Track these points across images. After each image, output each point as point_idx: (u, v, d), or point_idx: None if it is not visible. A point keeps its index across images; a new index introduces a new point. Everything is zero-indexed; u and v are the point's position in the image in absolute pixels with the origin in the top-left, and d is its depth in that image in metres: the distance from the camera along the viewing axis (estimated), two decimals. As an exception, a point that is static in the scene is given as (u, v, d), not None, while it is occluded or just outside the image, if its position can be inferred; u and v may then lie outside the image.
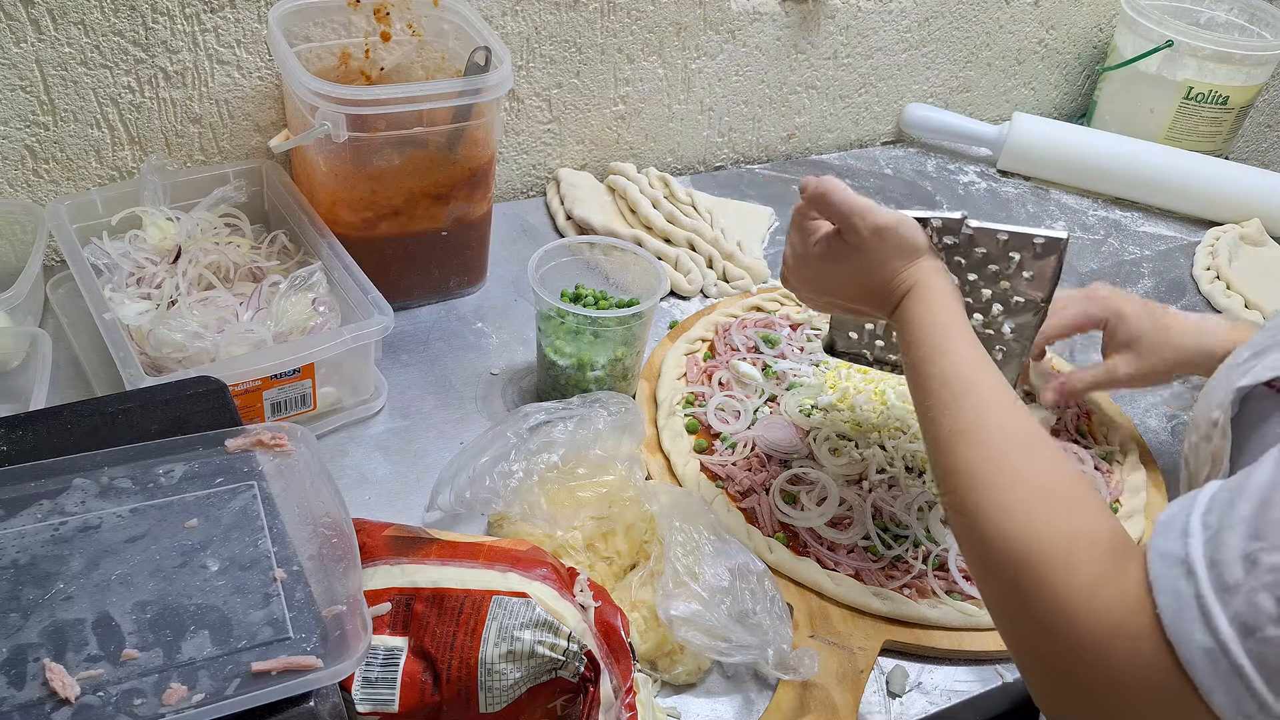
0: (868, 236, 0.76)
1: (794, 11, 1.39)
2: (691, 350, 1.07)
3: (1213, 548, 0.49)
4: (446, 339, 1.08)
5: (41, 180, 1.05)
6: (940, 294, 0.75)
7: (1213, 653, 0.47)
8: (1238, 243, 1.40)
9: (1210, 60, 1.49)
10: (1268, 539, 0.47)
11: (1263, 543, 0.47)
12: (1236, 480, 0.51)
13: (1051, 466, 0.61)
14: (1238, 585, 0.47)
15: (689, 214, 1.25)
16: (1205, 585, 0.48)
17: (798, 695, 0.76)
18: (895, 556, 0.87)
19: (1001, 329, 0.83)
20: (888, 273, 0.77)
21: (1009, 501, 0.60)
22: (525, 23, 1.21)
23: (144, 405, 0.67)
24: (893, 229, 0.76)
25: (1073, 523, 0.57)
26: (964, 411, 0.67)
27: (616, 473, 0.83)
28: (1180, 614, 0.49)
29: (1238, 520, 0.49)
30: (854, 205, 0.76)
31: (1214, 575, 0.48)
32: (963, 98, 1.65)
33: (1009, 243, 0.80)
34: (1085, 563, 0.54)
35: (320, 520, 0.60)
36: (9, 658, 0.50)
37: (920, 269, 0.76)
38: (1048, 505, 0.58)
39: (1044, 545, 0.56)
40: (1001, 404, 0.66)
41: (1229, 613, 0.47)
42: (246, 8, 1.05)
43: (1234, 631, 0.47)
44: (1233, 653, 0.47)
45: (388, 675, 0.64)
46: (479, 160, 1.06)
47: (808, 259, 0.81)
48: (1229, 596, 0.47)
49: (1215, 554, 0.49)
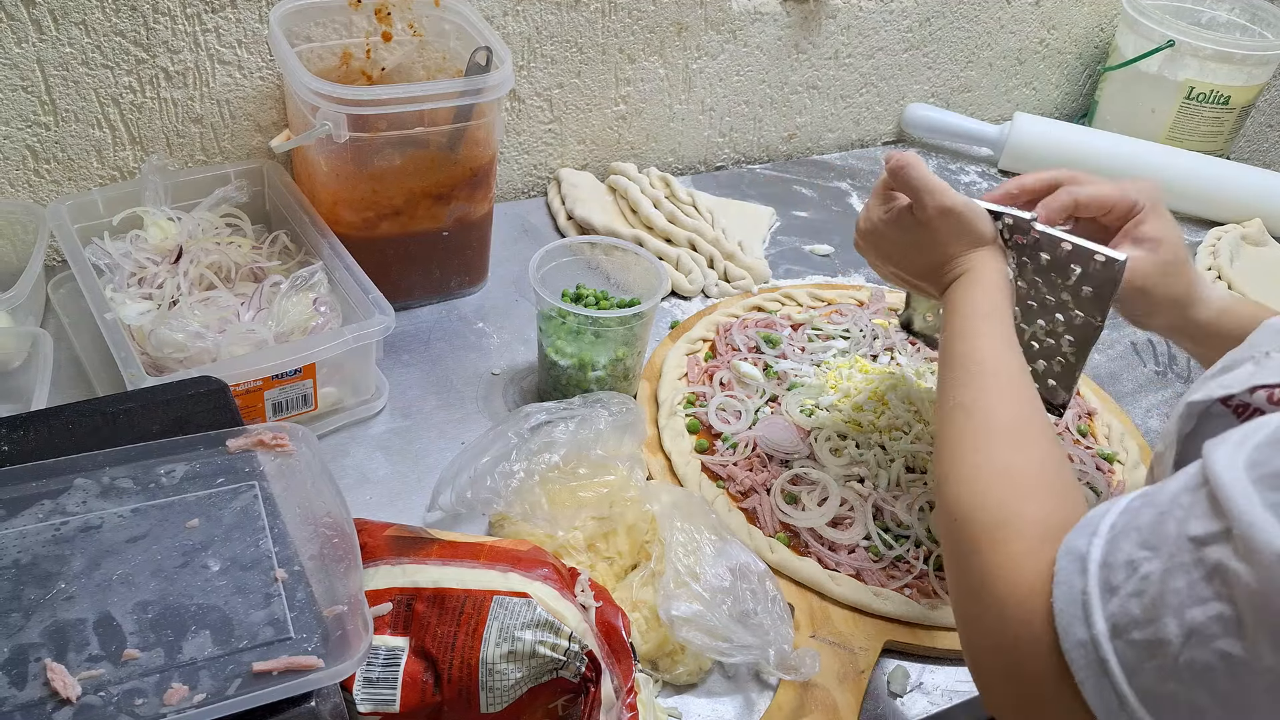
0: (933, 215, 0.80)
1: (795, 11, 1.39)
2: (692, 350, 1.07)
3: (1108, 550, 0.51)
4: (447, 339, 1.08)
5: (43, 180, 1.05)
6: (990, 283, 0.78)
7: (1086, 645, 0.50)
8: (1239, 243, 1.40)
9: (1211, 60, 1.49)
10: (1152, 548, 0.49)
11: (1147, 551, 0.49)
12: (1153, 488, 0.53)
13: (1026, 450, 0.65)
14: (1118, 587, 0.50)
15: (690, 214, 1.25)
16: (1092, 583, 0.51)
17: (799, 695, 0.76)
18: (896, 557, 0.87)
19: (1061, 339, 0.83)
20: (947, 254, 0.81)
21: (970, 478, 0.64)
22: (526, 23, 1.21)
23: (145, 405, 0.67)
24: (958, 213, 0.79)
25: (1018, 506, 0.60)
26: (970, 388, 0.71)
27: (618, 473, 0.83)
28: (1068, 605, 0.52)
29: (1135, 527, 0.51)
30: (927, 183, 0.80)
31: (1102, 575, 0.51)
32: (964, 98, 1.65)
33: (1072, 254, 0.80)
34: (1012, 543, 0.58)
35: (321, 520, 0.60)
36: (10, 657, 0.50)
37: (978, 256, 0.79)
38: (1000, 485, 0.62)
39: (982, 521, 0.61)
40: (1006, 386, 0.70)
41: (1105, 611, 0.50)
42: (248, 8, 1.05)
43: (1106, 629, 0.50)
44: (1102, 648, 0.49)
45: (389, 675, 0.64)
46: (480, 160, 1.06)
47: (878, 226, 0.85)
48: (1109, 596, 0.50)
49: (1108, 556, 0.51)
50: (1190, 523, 0.48)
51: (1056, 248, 0.80)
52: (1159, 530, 0.50)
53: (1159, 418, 1.11)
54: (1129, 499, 0.54)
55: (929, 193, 0.80)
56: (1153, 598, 0.48)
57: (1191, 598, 0.46)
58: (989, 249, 0.80)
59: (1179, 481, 0.51)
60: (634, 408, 0.88)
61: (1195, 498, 0.49)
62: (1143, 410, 1.12)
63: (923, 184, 0.80)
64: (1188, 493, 0.50)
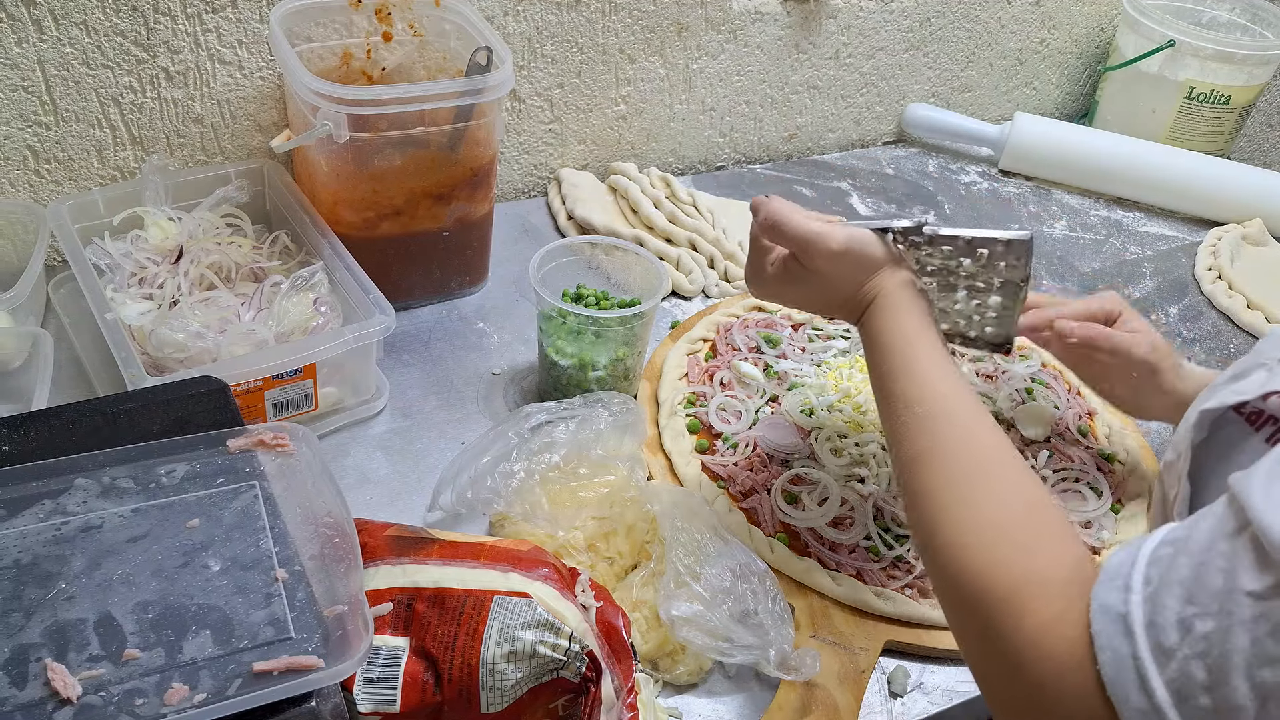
0: (822, 264, 0.77)
1: (795, 11, 1.39)
2: (693, 350, 1.07)
3: (1151, 608, 0.49)
4: (448, 339, 1.08)
5: (43, 180, 1.05)
6: (900, 305, 0.74)
7: (1148, 714, 0.48)
8: (1240, 243, 1.40)
9: (1212, 60, 1.49)
10: (1201, 604, 0.47)
11: (1196, 608, 0.47)
12: (1182, 531, 0.51)
13: (1009, 492, 0.61)
14: (1173, 650, 0.47)
15: (690, 214, 1.25)
16: (1142, 647, 0.48)
17: (799, 695, 0.76)
18: (897, 557, 0.87)
19: (988, 300, 0.82)
20: (849, 288, 0.77)
21: (963, 535, 0.60)
22: (527, 23, 1.21)
23: (146, 405, 0.67)
24: (846, 251, 0.76)
25: (1028, 560, 0.57)
26: (920, 432, 0.66)
27: (618, 473, 0.83)
28: (1119, 674, 0.49)
29: (1175, 581, 0.49)
30: (807, 235, 0.76)
31: (1151, 637, 0.48)
32: (964, 97, 1.65)
33: (973, 242, 0.79)
34: (1037, 604, 0.54)
35: (322, 520, 0.60)
36: (11, 658, 0.50)
37: (880, 281, 0.76)
38: (1003, 540, 0.58)
39: (999, 585, 0.56)
40: (960, 421, 0.66)
41: (1164, 677, 0.47)
42: (248, 8, 1.05)
43: (1169, 696, 0.47)
44: (1167, 717, 0.47)
45: (389, 675, 0.64)
46: (480, 160, 1.06)
47: (768, 280, 0.82)
48: (1165, 660, 0.48)
49: (1153, 615, 0.49)
50: (1240, 575, 0.46)
51: (955, 241, 0.79)
52: (1203, 583, 0.48)
53: (1159, 418, 1.11)
54: (1153, 544, 0.52)
55: (811, 244, 0.76)
56: (1216, 659, 0.46)
57: (1259, 657, 0.45)
58: (887, 270, 0.76)
59: (1209, 525, 0.49)
60: (634, 408, 0.88)
61: (1236, 546, 0.47)
62: (1143, 410, 1.12)
63: (801, 236, 0.76)
64: (1225, 539, 0.48)
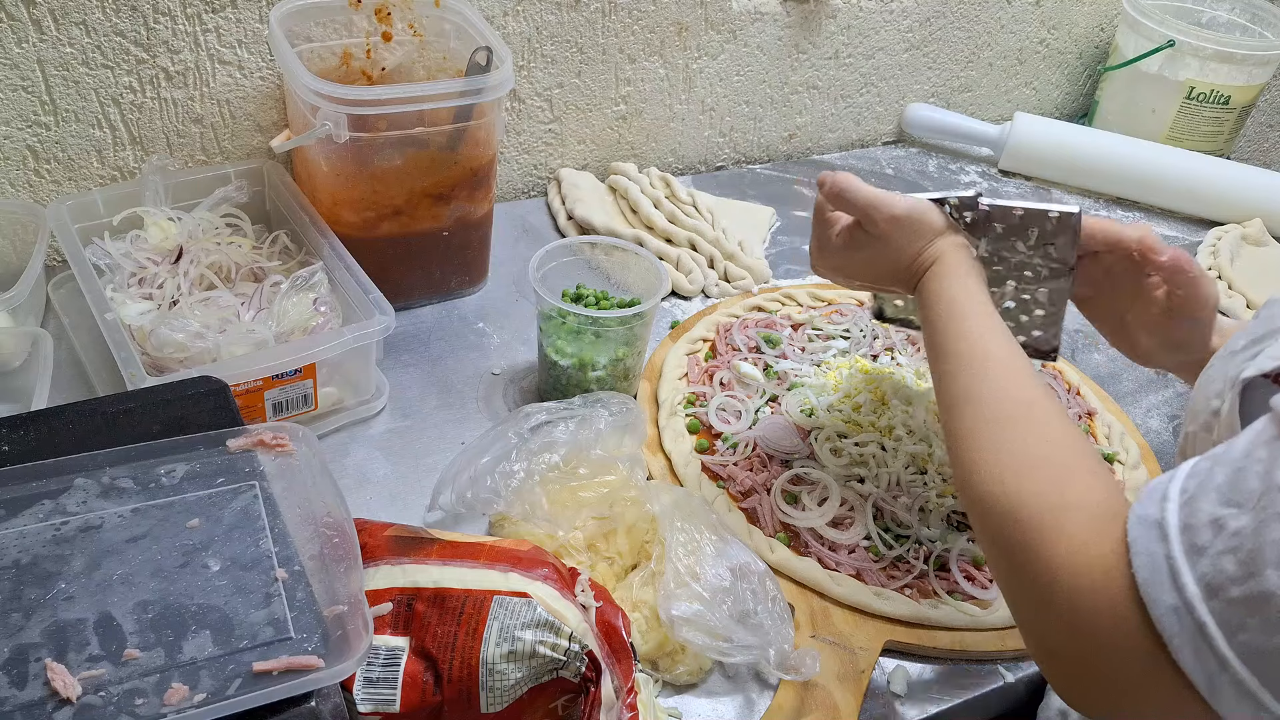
0: (885, 227, 0.80)
1: (795, 11, 1.39)
2: (693, 350, 1.07)
3: (1187, 512, 0.51)
4: (448, 339, 1.08)
5: (43, 180, 1.05)
6: (957, 268, 0.78)
7: (1179, 611, 0.49)
8: (1240, 243, 1.40)
9: (1212, 60, 1.49)
10: (1238, 505, 0.48)
11: (1232, 509, 0.48)
12: (1219, 450, 0.52)
13: (1046, 432, 0.64)
14: (1206, 547, 0.49)
15: (690, 214, 1.25)
16: (1176, 547, 0.50)
17: (799, 695, 0.76)
18: (896, 557, 0.87)
19: (1036, 293, 0.85)
20: (909, 254, 0.81)
21: (1001, 467, 0.63)
22: (526, 23, 1.21)
23: (145, 405, 0.67)
24: (907, 216, 0.80)
25: (1061, 489, 0.59)
26: (968, 377, 0.70)
27: (618, 473, 0.83)
28: (1153, 574, 0.50)
29: (1212, 487, 0.50)
30: (871, 199, 0.80)
31: (1185, 538, 0.50)
32: (964, 98, 1.65)
33: (1025, 217, 0.82)
34: (1070, 527, 0.56)
35: (322, 520, 0.60)
36: (11, 658, 0.50)
37: (939, 246, 0.80)
38: (1037, 471, 0.61)
39: (1031, 511, 0.59)
40: (1006, 371, 0.69)
41: (1196, 573, 0.49)
42: (248, 8, 1.05)
43: (1199, 591, 0.48)
44: (1197, 611, 0.48)
45: (389, 675, 0.64)
46: (480, 160, 1.06)
47: (831, 250, 0.85)
48: (1197, 558, 0.49)
49: (1188, 518, 0.50)
50: (1276, 473, 0.47)
51: (1009, 216, 0.82)
52: (1239, 486, 0.49)
53: (1159, 418, 1.11)
54: (1191, 464, 0.53)
55: (874, 207, 0.80)
56: (1249, 552, 0.47)
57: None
58: (946, 236, 0.80)
59: (1246, 438, 0.50)
60: (634, 408, 0.88)
61: (1274, 449, 0.48)
62: (1143, 410, 1.12)
63: (866, 200, 0.80)
64: (1264, 446, 0.49)
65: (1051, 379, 1.09)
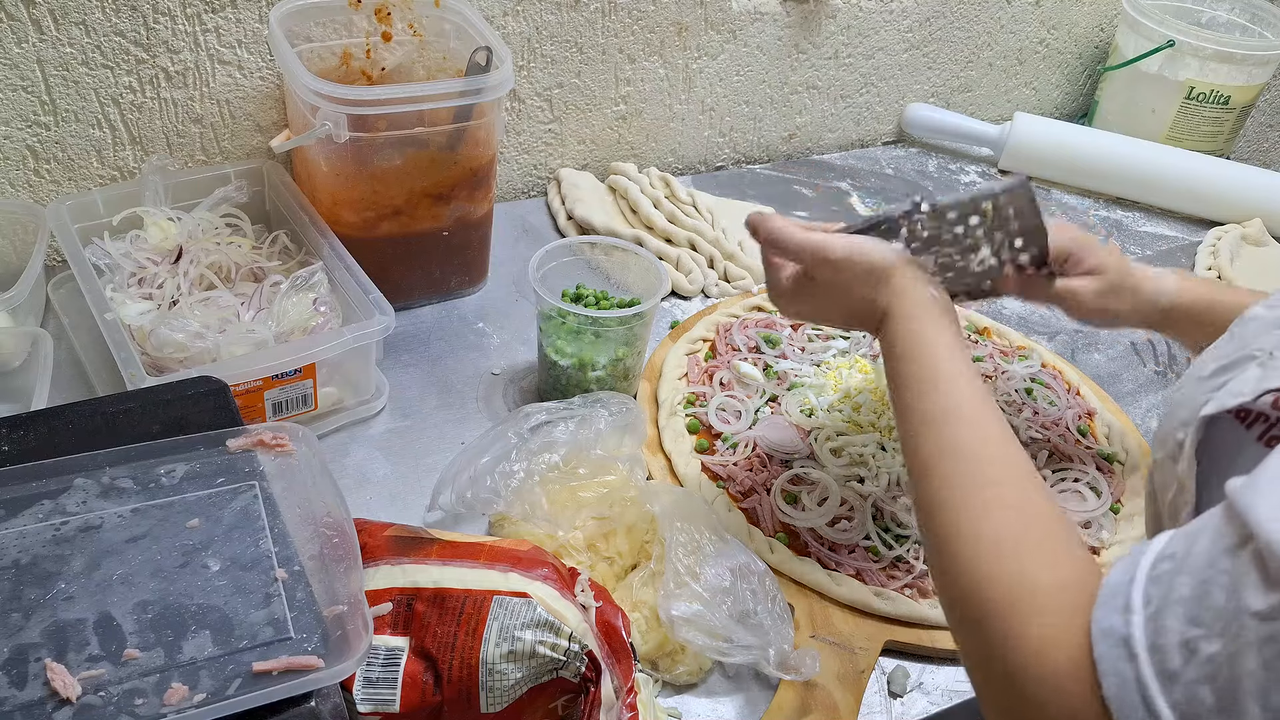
0: (826, 273, 0.76)
1: (795, 11, 1.39)
2: (693, 350, 1.07)
3: (1153, 630, 0.48)
4: (448, 339, 1.08)
5: (43, 180, 1.05)
6: (914, 309, 0.72)
7: None
8: (1239, 243, 1.40)
9: (1212, 60, 1.49)
10: (1205, 625, 0.46)
11: (1201, 630, 0.46)
12: (1181, 544, 0.50)
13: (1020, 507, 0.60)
14: (1178, 674, 0.46)
15: (690, 214, 1.25)
16: (1146, 669, 0.47)
17: (799, 695, 0.76)
18: (896, 557, 0.87)
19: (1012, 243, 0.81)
20: (858, 300, 0.76)
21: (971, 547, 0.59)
22: (526, 23, 1.21)
23: (145, 405, 0.67)
24: (846, 259, 0.74)
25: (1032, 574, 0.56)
26: (934, 443, 0.65)
27: (618, 473, 0.83)
28: (1123, 697, 0.48)
29: (1176, 600, 0.47)
30: (802, 244, 0.76)
31: (1155, 660, 0.47)
32: (964, 97, 1.65)
33: (972, 202, 0.78)
34: (1039, 618, 0.54)
35: (321, 520, 0.60)
36: (10, 658, 0.50)
37: (894, 287, 0.74)
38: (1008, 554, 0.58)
39: (1001, 597, 0.56)
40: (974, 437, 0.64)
41: (1170, 700, 0.46)
42: (248, 8, 1.05)
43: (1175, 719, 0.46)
44: None
45: (389, 675, 0.64)
46: (480, 160, 1.06)
47: (786, 296, 0.82)
48: (1170, 685, 0.47)
49: (1156, 638, 0.48)
50: (1245, 594, 0.45)
51: (958, 207, 0.78)
52: (1205, 603, 0.46)
53: (1159, 418, 1.11)
54: (1150, 560, 0.50)
55: (811, 254, 0.76)
56: (1226, 681, 0.45)
57: (1271, 679, 0.44)
58: (898, 273, 0.74)
59: (1208, 539, 0.48)
60: (634, 408, 0.88)
61: (1238, 562, 0.46)
62: (1143, 410, 1.12)
63: (798, 246, 0.76)
64: (1226, 556, 0.47)
65: (1051, 379, 1.09)
